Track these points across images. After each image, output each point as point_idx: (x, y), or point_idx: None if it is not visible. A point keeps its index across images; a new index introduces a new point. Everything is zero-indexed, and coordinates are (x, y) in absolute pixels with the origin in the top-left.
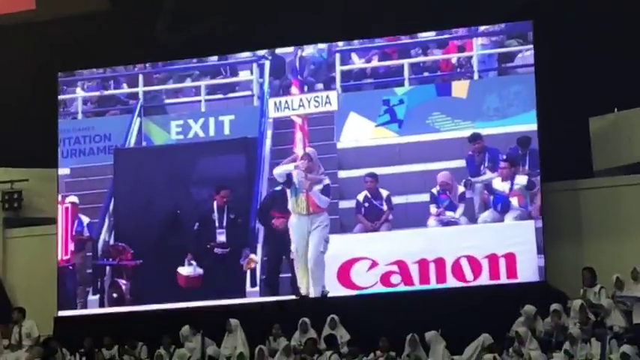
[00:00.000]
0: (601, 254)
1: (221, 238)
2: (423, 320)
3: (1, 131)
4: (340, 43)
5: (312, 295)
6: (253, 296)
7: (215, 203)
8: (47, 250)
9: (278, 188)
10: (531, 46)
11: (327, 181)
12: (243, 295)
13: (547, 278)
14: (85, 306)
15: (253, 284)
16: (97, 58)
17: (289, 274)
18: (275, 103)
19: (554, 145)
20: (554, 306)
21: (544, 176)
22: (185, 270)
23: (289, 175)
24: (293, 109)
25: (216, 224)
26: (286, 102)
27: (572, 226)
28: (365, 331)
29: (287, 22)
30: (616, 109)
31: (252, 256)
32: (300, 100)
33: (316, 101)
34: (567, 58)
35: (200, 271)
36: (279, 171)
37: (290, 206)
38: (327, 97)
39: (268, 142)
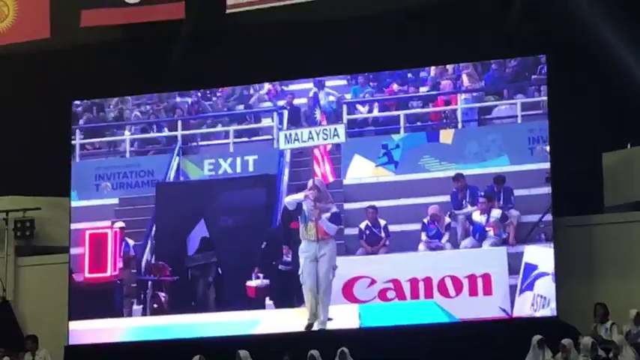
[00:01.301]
0: (612, 290)
1: (287, 258)
2: (434, 355)
3: (14, 159)
4: (348, 96)
5: (318, 322)
6: (269, 308)
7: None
8: (59, 278)
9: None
10: (505, 101)
11: (334, 209)
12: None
13: (559, 313)
14: (130, 314)
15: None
16: (110, 86)
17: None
18: (285, 136)
19: (566, 180)
20: (564, 341)
21: (556, 211)
22: (254, 282)
23: (299, 204)
24: (303, 142)
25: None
26: (296, 134)
27: (583, 261)
28: None
29: (297, 56)
30: (629, 145)
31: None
32: (310, 132)
33: (325, 134)
34: (581, 93)
35: (267, 281)
36: (290, 200)
37: (300, 233)
38: (335, 129)
39: (285, 179)
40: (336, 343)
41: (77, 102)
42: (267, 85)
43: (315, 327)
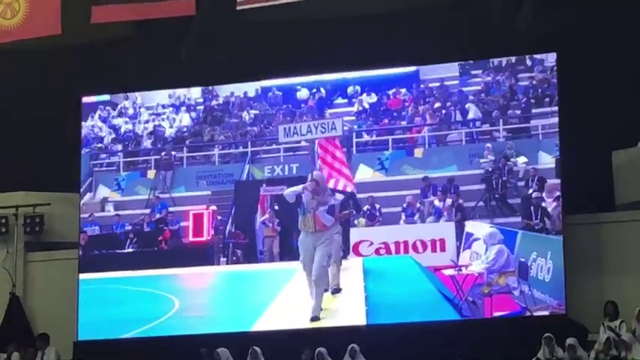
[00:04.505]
0: (622, 288)
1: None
2: (443, 352)
3: (24, 155)
4: (355, 126)
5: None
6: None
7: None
8: (68, 274)
9: None
10: (454, 131)
11: (333, 202)
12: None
13: (568, 311)
14: (218, 264)
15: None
16: (121, 83)
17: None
18: (284, 129)
19: (576, 178)
20: (569, 341)
21: (566, 209)
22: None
23: (298, 196)
24: (302, 135)
25: None
26: (294, 128)
27: (593, 259)
28: None
29: (308, 53)
30: (639, 143)
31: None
32: (309, 126)
33: (323, 127)
34: (591, 91)
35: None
36: (288, 192)
37: (299, 224)
38: (333, 123)
39: None
40: (345, 339)
41: (184, 128)
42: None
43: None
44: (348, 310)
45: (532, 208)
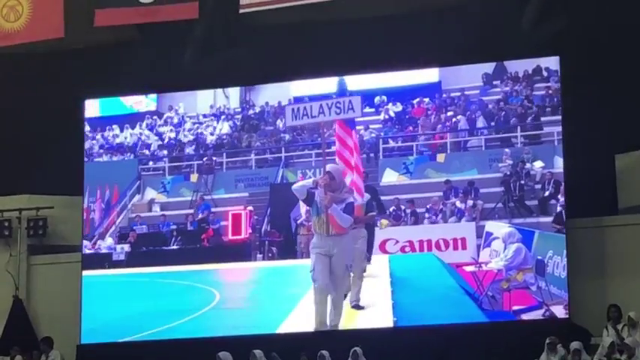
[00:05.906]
0: (625, 291)
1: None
2: (447, 356)
3: (27, 158)
4: (382, 133)
5: (328, 324)
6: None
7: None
8: (71, 277)
9: None
10: (474, 137)
11: (351, 199)
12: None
13: (571, 315)
14: (255, 260)
15: None
16: (125, 86)
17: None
18: (292, 110)
19: (579, 181)
20: (575, 345)
21: (569, 213)
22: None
23: (310, 193)
24: (312, 117)
25: None
26: (304, 109)
27: (596, 263)
28: None
29: (310, 56)
30: None
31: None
32: (320, 106)
33: (337, 107)
34: (594, 95)
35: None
36: (297, 186)
37: (312, 226)
38: (350, 102)
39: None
40: (352, 342)
41: (224, 136)
42: (336, 127)
43: (328, 327)
44: (375, 307)
45: (564, 212)
